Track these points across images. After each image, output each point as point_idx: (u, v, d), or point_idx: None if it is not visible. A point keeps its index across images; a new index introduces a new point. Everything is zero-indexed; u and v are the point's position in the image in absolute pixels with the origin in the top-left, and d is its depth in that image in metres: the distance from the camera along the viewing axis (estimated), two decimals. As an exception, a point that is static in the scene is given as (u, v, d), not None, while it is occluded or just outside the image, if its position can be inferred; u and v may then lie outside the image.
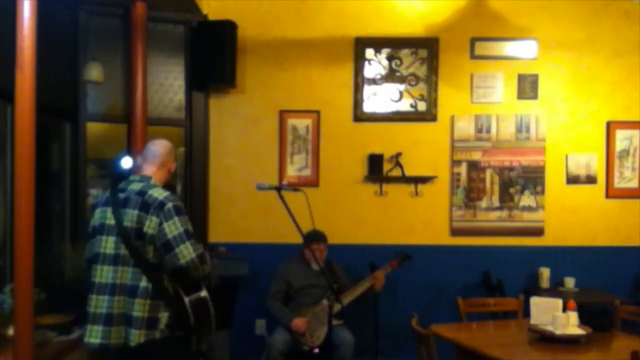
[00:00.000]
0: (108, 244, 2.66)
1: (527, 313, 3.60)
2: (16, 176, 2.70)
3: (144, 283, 2.60)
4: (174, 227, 2.59)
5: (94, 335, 2.62)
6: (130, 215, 2.63)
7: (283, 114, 4.90)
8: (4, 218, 3.46)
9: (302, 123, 4.90)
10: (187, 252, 2.58)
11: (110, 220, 2.67)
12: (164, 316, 2.62)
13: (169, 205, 2.63)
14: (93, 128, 4.40)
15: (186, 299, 2.67)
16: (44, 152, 4.11)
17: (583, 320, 3.32)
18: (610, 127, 4.95)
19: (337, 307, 3.81)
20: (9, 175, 3.36)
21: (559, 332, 3.16)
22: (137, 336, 2.58)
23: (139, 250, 2.61)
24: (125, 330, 2.61)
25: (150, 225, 2.60)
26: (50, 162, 4.24)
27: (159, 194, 2.67)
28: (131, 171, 2.89)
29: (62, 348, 3.14)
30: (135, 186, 2.72)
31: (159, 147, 2.88)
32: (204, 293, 2.77)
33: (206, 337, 2.80)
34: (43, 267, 3.34)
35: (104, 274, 2.64)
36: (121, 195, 2.69)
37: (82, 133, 4.32)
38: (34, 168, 2.72)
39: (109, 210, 2.68)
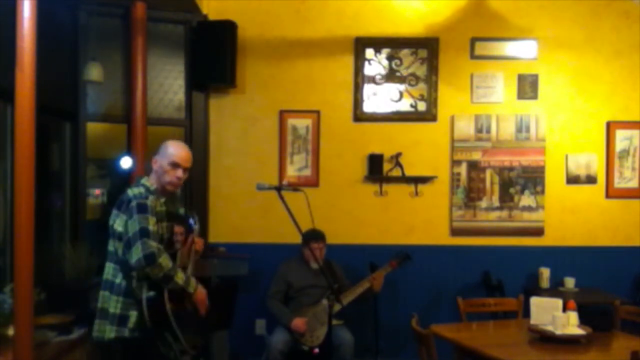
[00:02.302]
0: (109, 243, 2.77)
1: (527, 313, 3.59)
2: (16, 176, 2.71)
3: (118, 280, 2.69)
4: (131, 226, 2.59)
5: (94, 328, 2.73)
6: (113, 214, 2.74)
7: (283, 114, 4.89)
8: (4, 218, 3.45)
9: (302, 123, 4.90)
10: (136, 251, 2.54)
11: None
12: (133, 315, 2.67)
13: (133, 202, 2.64)
14: (93, 128, 4.40)
15: (144, 297, 2.62)
16: (44, 152, 4.11)
17: (583, 320, 3.31)
18: (610, 127, 4.95)
19: (337, 307, 3.81)
20: (9, 175, 3.36)
21: (559, 332, 3.16)
22: (109, 331, 2.67)
23: (115, 247, 2.71)
24: (104, 324, 2.70)
25: (120, 222, 2.67)
26: (50, 162, 4.24)
27: (132, 191, 2.72)
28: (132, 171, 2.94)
29: (62, 348, 3.15)
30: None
31: None
32: (163, 295, 2.63)
33: (176, 345, 2.68)
34: (43, 267, 3.34)
35: (104, 270, 2.77)
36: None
37: (82, 133, 4.32)
38: (34, 168, 2.73)
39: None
